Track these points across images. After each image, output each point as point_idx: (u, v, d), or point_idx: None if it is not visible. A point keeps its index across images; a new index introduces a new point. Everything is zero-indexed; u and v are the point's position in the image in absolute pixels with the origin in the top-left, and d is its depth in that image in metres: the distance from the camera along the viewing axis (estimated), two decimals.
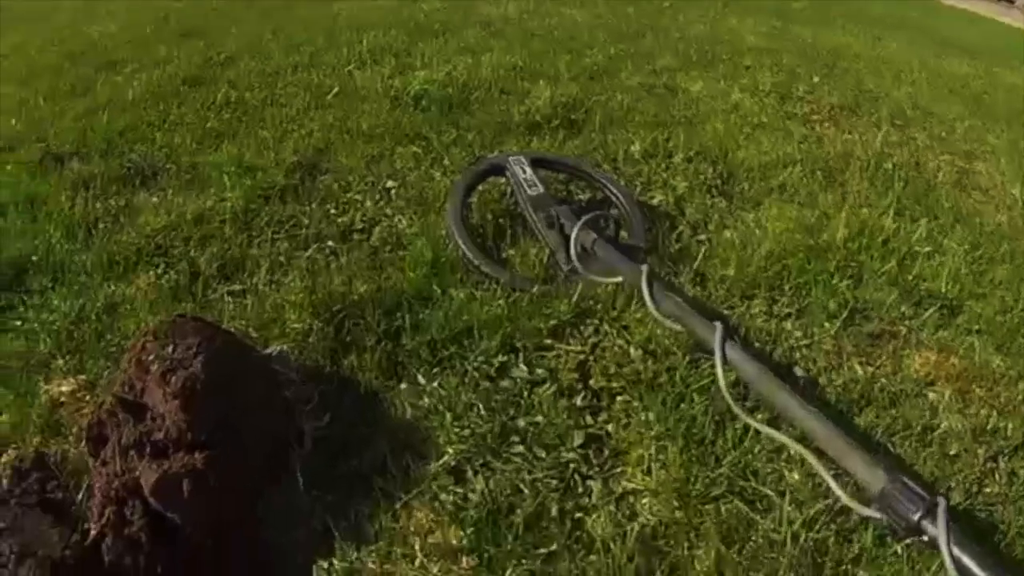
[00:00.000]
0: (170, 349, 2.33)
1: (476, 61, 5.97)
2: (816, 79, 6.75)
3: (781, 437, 2.44)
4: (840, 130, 5.46)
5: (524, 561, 2.11)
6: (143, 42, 6.99)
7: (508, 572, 2.09)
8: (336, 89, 5.20)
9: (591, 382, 2.70)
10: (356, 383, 2.63)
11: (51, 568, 2.22)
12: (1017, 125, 6.76)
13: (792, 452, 2.43)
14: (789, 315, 3.16)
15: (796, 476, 2.40)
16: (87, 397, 2.62)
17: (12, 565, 2.24)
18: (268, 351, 2.64)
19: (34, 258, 3.24)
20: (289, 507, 2.29)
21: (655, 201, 3.93)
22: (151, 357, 2.34)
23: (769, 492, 2.34)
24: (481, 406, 2.57)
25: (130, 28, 7.72)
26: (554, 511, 2.26)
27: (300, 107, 4.93)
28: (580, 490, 2.35)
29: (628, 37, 7.67)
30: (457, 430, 2.49)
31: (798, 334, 3.06)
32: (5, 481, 2.39)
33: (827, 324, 3.11)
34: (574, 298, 2.93)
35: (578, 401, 2.62)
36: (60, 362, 2.73)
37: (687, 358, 2.74)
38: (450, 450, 2.43)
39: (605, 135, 4.70)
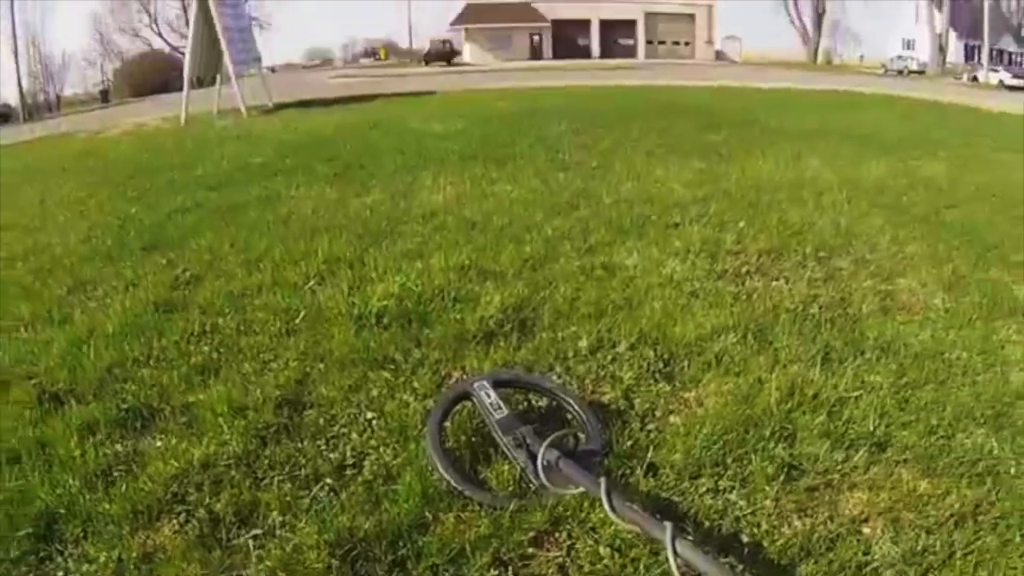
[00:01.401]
0: None
1: (426, 266, 6.49)
2: (742, 224, 7.36)
3: None
4: (768, 279, 6.01)
5: None
6: (107, 257, 7.45)
7: None
8: (303, 312, 5.69)
9: None
10: None
11: None
12: (936, 222, 7.49)
13: None
14: (732, 487, 3.55)
15: None
16: None
17: None
18: None
19: (61, 509, 3.52)
20: None
21: (606, 398, 4.42)
22: None
23: None
24: None
25: (89, 240, 8.20)
26: None
27: (272, 333, 5.38)
28: None
29: (563, 210, 8.26)
30: None
31: (742, 503, 3.44)
32: None
33: (767, 488, 3.50)
34: (547, 509, 3.27)
35: None
36: None
37: (647, 548, 3.19)
38: None
39: (555, 333, 5.18)
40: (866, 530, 3.16)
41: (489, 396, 4.07)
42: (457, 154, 11.34)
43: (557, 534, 3.24)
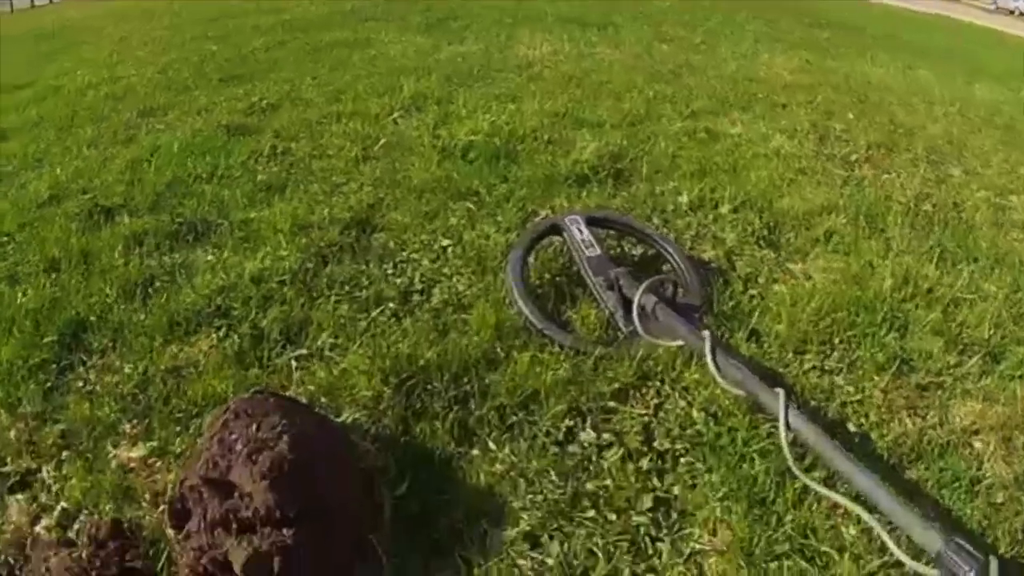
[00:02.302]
0: (255, 429, 2.38)
1: (519, 108, 6.04)
2: (851, 115, 6.83)
3: (843, 500, 2.46)
4: (878, 171, 5.50)
5: None
6: (182, 87, 7.12)
7: None
8: (383, 140, 5.27)
9: (656, 444, 2.74)
10: (429, 451, 2.66)
11: None
12: None
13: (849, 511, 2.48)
14: (840, 369, 3.19)
15: (853, 532, 2.44)
16: (158, 464, 2.60)
17: None
18: (341, 420, 2.68)
19: (92, 318, 3.23)
20: None
21: (707, 256, 3.96)
22: (235, 437, 2.39)
23: (828, 549, 2.37)
24: (552, 472, 2.61)
25: (165, 72, 7.86)
26: (627, 574, 2.30)
27: (348, 159, 4.99)
28: (650, 552, 2.38)
29: (664, 78, 7.74)
30: (530, 496, 2.53)
31: (850, 389, 3.08)
32: (84, 552, 2.39)
33: (876, 377, 3.14)
34: (635, 360, 2.99)
35: (644, 464, 2.66)
36: (127, 427, 2.72)
37: (747, 419, 2.78)
38: (524, 516, 2.46)
39: (652, 186, 4.75)
40: (977, 444, 2.89)
41: (581, 232, 3.59)
42: (556, 16, 10.94)
43: (644, 390, 2.94)
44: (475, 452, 2.69)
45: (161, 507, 2.44)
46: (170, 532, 2.38)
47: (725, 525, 2.44)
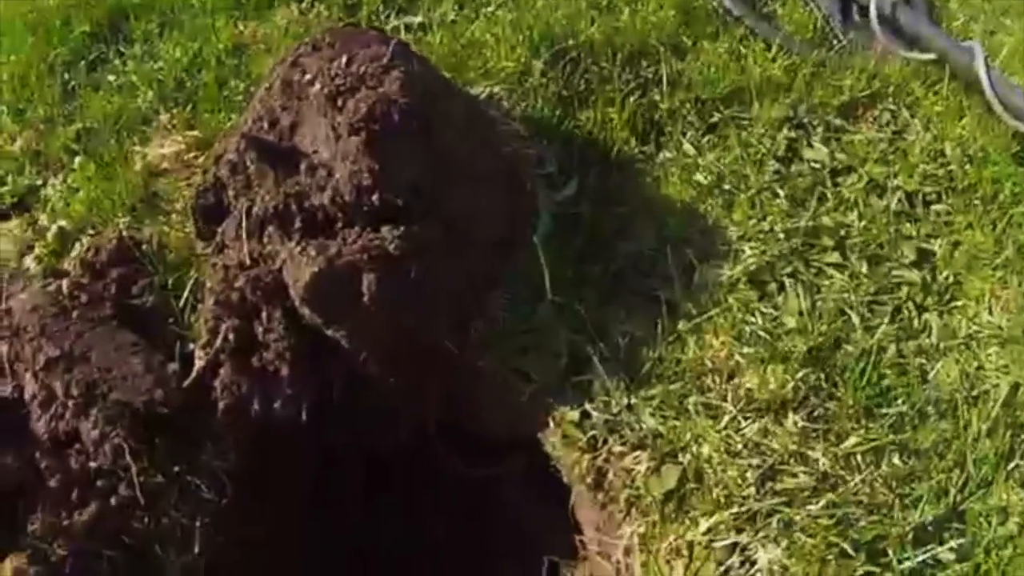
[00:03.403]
0: (343, 63, 1.53)
1: None
2: None
3: None
4: None
5: (864, 424, 1.57)
6: None
7: (850, 442, 1.54)
8: None
9: (898, 181, 2.02)
10: (600, 145, 1.94)
11: (130, 422, 1.50)
12: None
13: None
14: None
15: None
16: (199, 159, 1.98)
17: (69, 415, 1.51)
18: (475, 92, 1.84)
19: (136, 1, 2.56)
20: (520, 322, 1.65)
21: None
22: (308, 76, 1.55)
23: None
24: (780, 191, 1.86)
25: None
26: (891, 352, 1.68)
27: None
28: (917, 326, 1.76)
29: None
30: (753, 221, 1.80)
31: None
32: (65, 283, 1.69)
33: None
34: (865, 73, 2.24)
35: (892, 203, 1.95)
36: (165, 117, 2.16)
37: (1018, 168, 2.07)
38: (747, 249, 1.72)
39: None
40: None
41: None
42: None
43: (875, 111, 2.21)
44: (667, 154, 1.95)
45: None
46: (199, 246, 1.73)
47: (1001, 304, 1.83)
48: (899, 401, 1.61)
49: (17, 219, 2.02)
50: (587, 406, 1.55)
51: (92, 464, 1.48)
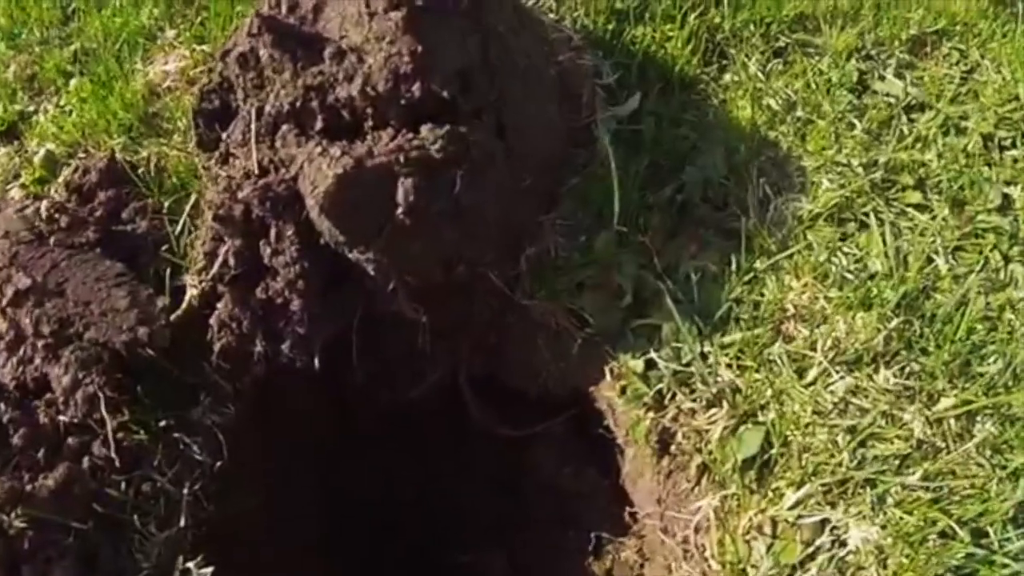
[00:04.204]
0: None
1: None
2: None
3: None
4: None
5: (958, 384, 1.40)
6: None
7: (943, 403, 1.38)
8: None
9: (972, 122, 1.85)
10: (659, 63, 1.75)
11: (108, 366, 1.29)
12: None
13: None
14: None
15: None
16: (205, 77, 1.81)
17: (39, 359, 1.29)
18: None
19: None
20: (577, 253, 1.46)
21: None
22: None
23: None
24: (856, 123, 1.70)
25: None
26: (979, 304, 1.52)
27: None
28: (1003, 277, 1.60)
29: None
30: (828, 152, 1.62)
31: None
32: (44, 205, 1.48)
33: None
34: (931, 7, 2.09)
35: (970, 145, 1.78)
36: (171, 33, 2.02)
37: None
38: (824, 182, 1.57)
39: None
40: None
41: None
42: None
43: (942, 48, 2.06)
44: (731, 77, 1.79)
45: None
46: (199, 160, 1.54)
47: None
48: (992, 359, 1.43)
49: (5, 147, 1.88)
50: (653, 354, 1.35)
51: (62, 418, 1.27)
